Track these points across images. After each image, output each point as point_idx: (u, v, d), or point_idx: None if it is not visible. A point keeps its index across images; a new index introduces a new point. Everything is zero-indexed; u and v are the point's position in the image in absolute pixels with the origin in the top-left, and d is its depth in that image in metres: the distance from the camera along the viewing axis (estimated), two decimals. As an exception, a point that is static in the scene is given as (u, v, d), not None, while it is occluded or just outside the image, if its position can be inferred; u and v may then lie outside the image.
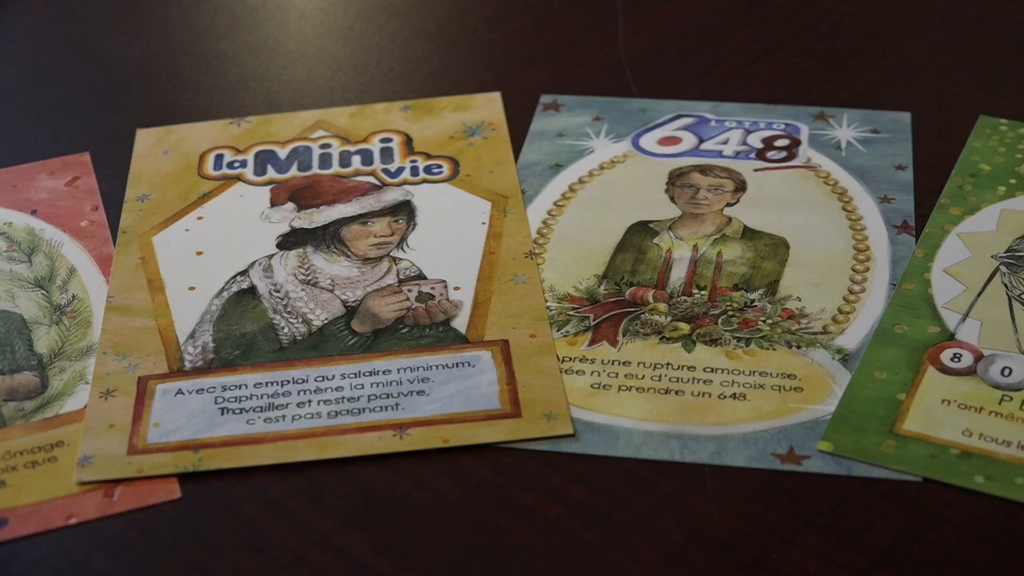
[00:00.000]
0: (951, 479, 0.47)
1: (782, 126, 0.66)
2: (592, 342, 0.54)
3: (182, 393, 0.53)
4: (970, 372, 0.51)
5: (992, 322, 0.53)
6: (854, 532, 0.46)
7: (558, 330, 0.55)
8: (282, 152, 0.66)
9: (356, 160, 0.65)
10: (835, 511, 0.47)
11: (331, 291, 0.58)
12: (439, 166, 0.65)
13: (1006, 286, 0.55)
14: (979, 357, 0.52)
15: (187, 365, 0.54)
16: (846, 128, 0.65)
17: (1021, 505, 0.46)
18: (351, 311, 0.56)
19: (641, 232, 0.60)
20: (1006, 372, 0.51)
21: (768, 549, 0.45)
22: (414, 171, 0.64)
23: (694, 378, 0.52)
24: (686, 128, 0.66)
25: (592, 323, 0.55)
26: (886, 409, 0.50)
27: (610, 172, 0.64)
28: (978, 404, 0.50)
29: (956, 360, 0.52)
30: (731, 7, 0.76)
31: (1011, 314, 0.54)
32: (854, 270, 0.57)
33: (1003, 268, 0.56)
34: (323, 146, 0.67)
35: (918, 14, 0.75)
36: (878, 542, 0.45)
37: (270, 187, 0.64)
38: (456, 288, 0.57)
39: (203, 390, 0.53)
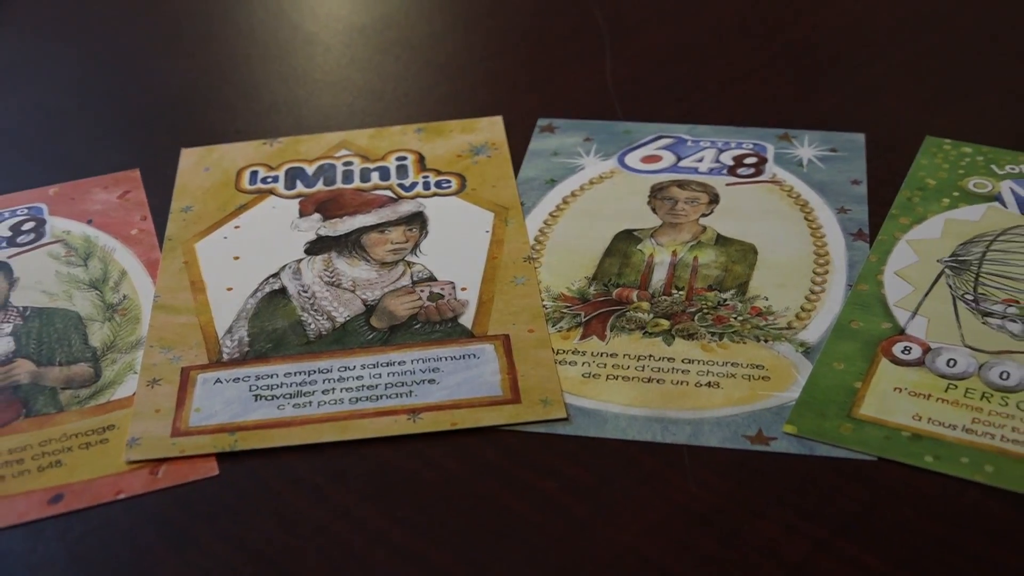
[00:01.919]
0: (903, 459, 0.47)
1: (750, 146, 0.65)
2: (583, 336, 0.54)
3: (220, 382, 0.53)
4: (919, 363, 0.51)
5: (938, 319, 0.53)
6: (816, 506, 0.46)
7: (553, 326, 0.55)
8: (310, 169, 0.66)
9: (375, 176, 0.65)
10: (799, 487, 0.46)
11: (352, 291, 0.57)
12: (448, 181, 0.64)
13: (950, 287, 0.55)
14: (927, 350, 0.51)
15: (225, 357, 0.54)
16: (807, 147, 0.65)
17: (966, 482, 0.46)
18: (370, 309, 0.56)
19: (626, 239, 0.60)
20: (951, 363, 0.51)
21: (740, 521, 0.45)
22: (426, 186, 0.64)
23: (673, 368, 0.52)
24: (666, 148, 0.66)
25: (583, 319, 0.55)
26: (844, 396, 0.50)
27: (599, 186, 0.64)
28: (926, 391, 0.50)
29: (906, 352, 0.51)
30: (705, 41, 0.76)
31: (955, 312, 0.53)
32: (815, 273, 0.57)
33: (947, 271, 0.56)
34: (346, 163, 0.66)
35: (870, 47, 0.75)
36: (838, 515, 0.45)
37: (299, 200, 0.64)
38: (463, 289, 0.57)
39: (239, 379, 0.53)
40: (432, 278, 0.58)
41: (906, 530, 0.45)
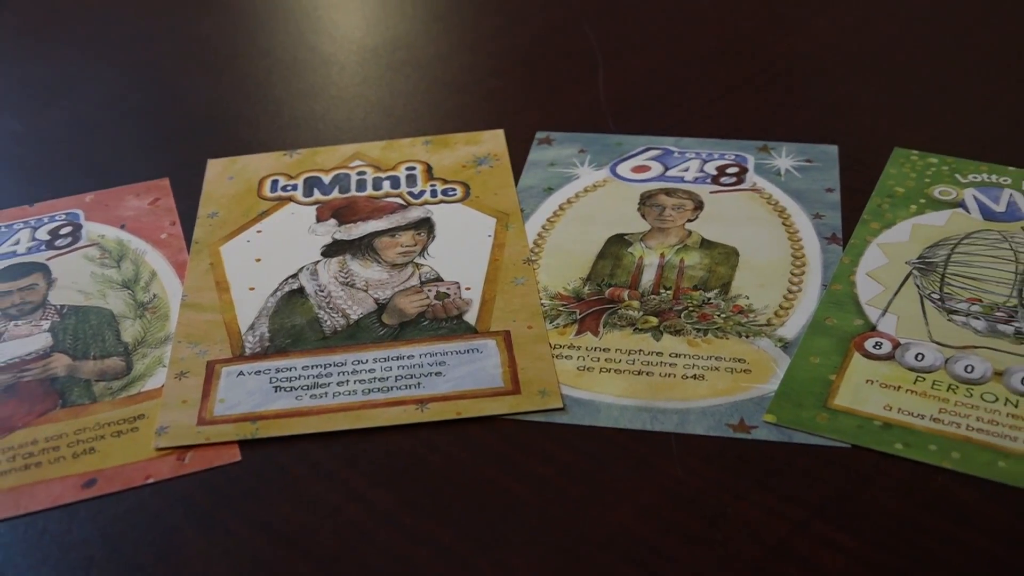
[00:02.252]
0: (875, 446, 0.47)
1: (732, 157, 0.65)
2: (578, 332, 0.54)
3: (243, 374, 0.52)
4: (889, 357, 0.50)
5: (907, 316, 0.53)
6: (795, 489, 0.45)
7: (550, 322, 0.54)
8: (326, 178, 0.66)
9: (386, 184, 0.65)
10: (779, 472, 0.46)
11: (365, 291, 0.57)
12: (454, 189, 0.64)
13: (918, 287, 0.54)
14: (896, 345, 0.51)
15: (247, 351, 0.53)
16: (784, 158, 0.65)
17: (934, 468, 0.45)
18: (382, 307, 0.56)
19: (618, 243, 0.59)
20: (919, 357, 0.50)
21: (723, 503, 0.45)
22: (433, 193, 0.64)
23: (661, 362, 0.52)
24: (654, 158, 0.65)
25: (578, 317, 0.55)
26: (820, 387, 0.49)
27: (593, 194, 0.63)
28: (896, 383, 0.49)
29: (877, 347, 0.51)
30: (690, 62, 0.76)
31: (922, 310, 0.53)
32: (792, 273, 0.56)
33: (915, 272, 0.55)
34: (359, 173, 0.66)
35: (841, 67, 0.75)
36: (815, 498, 0.45)
37: (316, 206, 0.63)
38: (467, 288, 0.56)
39: (260, 372, 0.52)
40: (439, 279, 0.57)
41: (878, 512, 0.44)
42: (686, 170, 0.64)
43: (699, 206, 0.62)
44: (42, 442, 0.49)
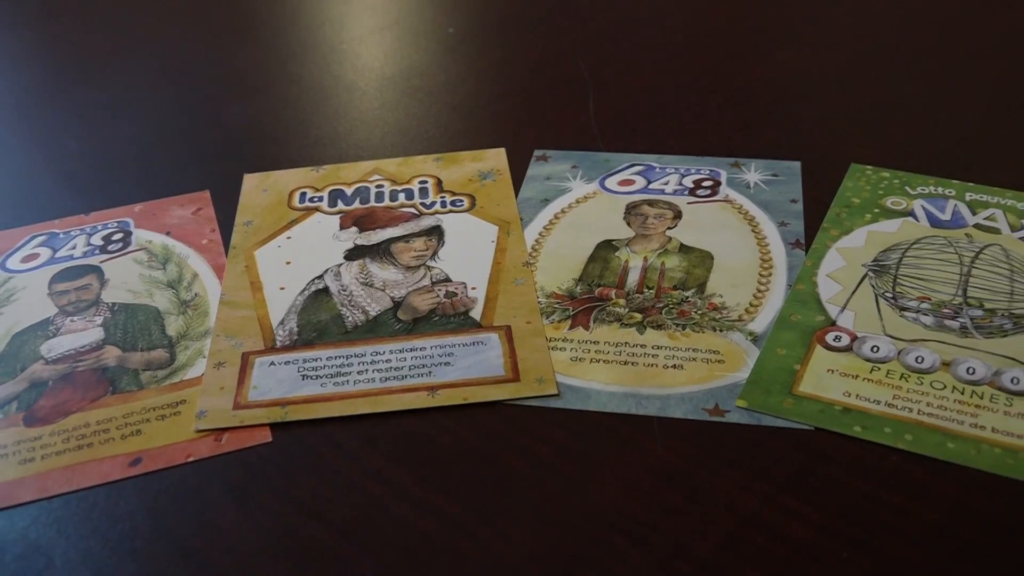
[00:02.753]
0: (835, 428, 0.46)
1: (707, 172, 0.64)
2: (571, 327, 0.53)
3: (274, 364, 0.51)
4: (848, 349, 0.50)
5: (863, 313, 0.52)
6: (764, 467, 0.45)
7: (546, 318, 0.54)
8: (348, 191, 0.65)
9: (401, 196, 0.64)
10: (749, 451, 0.45)
11: (383, 290, 0.56)
12: (461, 200, 0.63)
13: (873, 287, 0.54)
14: (854, 338, 0.50)
15: (278, 344, 0.53)
16: (754, 173, 0.64)
17: (889, 448, 0.45)
18: (397, 305, 0.55)
19: (606, 248, 0.58)
20: (874, 349, 0.49)
21: (700, 479, 0.44)
22: (443, 204, 0.63)
23: (645, 353, 0.51)
24: (638, 173, 0.65)
25: (571, 313, 0.54)
26: (786, 376, 0.49)
27: (584, 205, 0.62)
28: (854, 373, 0.48)
29: (837, 340, 0.50)
30: (670, 87, 0.75)
31: (877, 307, 0.52)
32: (760, 275, 0.56)
33: (870, 273, 0.55)
34: (378, 186, 0.65)
35: (804, 92, 0.74)
36: (781, 475, 0.44)
37: (339, 216, 0.63)
38: (473, 288, 0.56)
39: (289, 362, 0.51)
40: (448, 279, 0.57)
41: (838, 488, 0.43)
42: (666, 183, 0.64)
43: (678, 215, 0.61)
44: (93, 425, 0.49)
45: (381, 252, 0.59)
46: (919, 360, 0.49)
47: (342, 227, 0.62)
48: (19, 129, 0.76)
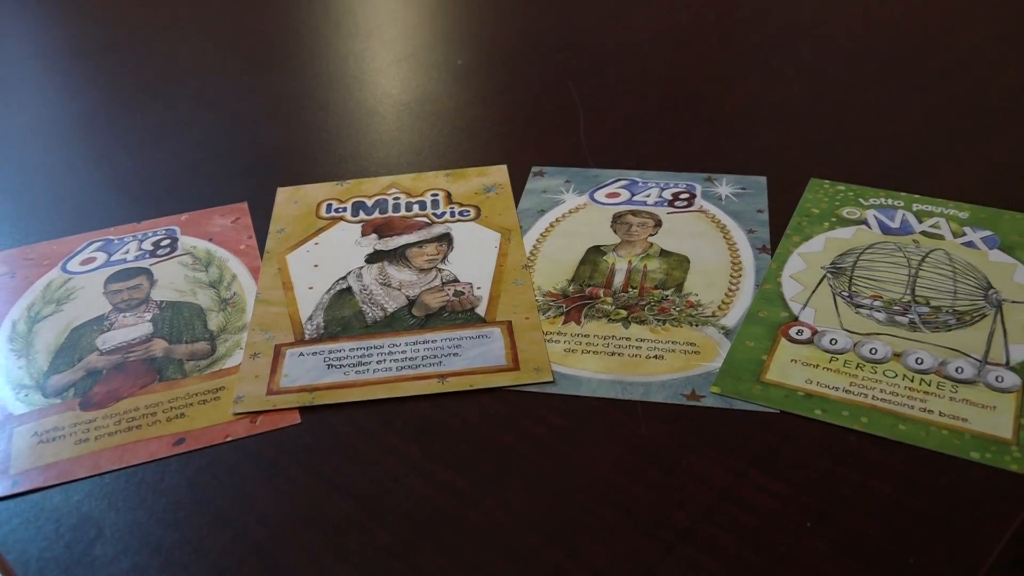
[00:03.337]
0: (799, 412, 0.45)
1: (684, 185, 0.63)
2: (564, 322, 0.52)
3: (303, 355, 0.50)
4: (809, 342, 0.49)
5: (822, 310, 0.51)
6: (735, 446, 0.44)
7: (543, 314, 0.53)
8: (369, 202, 0.64)
9: (415, 207, 0.63)
10: (723, 432, 0.44)
11: (399, 290, 0.55)
12: (468, 211, 0.62)
13: (831, 286, 0.53)
14: (815, 332, 0.49)
15: (306, 336, 0.52)
16: (725, 187, 0.63)
17: (847, 429, 0.44)
18: (411, 302, 0.54)
19: (595, 252, 0.58)
20: (833, 342, 0.49)
21: (679, 456, 0.43)
22: (452, 214, 0.62)
23: (630, 345, 0.50)
24: (623, 187, 0.64)
25: (564, 310, 0.53)
26: (754, 365, 0.48)
27: (575, 215, 0.61)
28: (815, 362, 0.47)
29: (799, 334, 0.49)
30: (651, 112, 0.74)
31: (835, 304, 0.51)
32: (731, 276, 0.55)
33: (828, 275, 0.54)
34: (395, 198, 0.64)
35: (768, 116, 0.73)
36: (751, 453, 0.43)
37: (361, 224, 0.62)
38: (478, 288, 0.55)
39: (316, 353, 0.51)
40: (456, 280, 0.56)
41: (802, 465, 0.43)
42: (648, 196, 0.63)
43: (658, 224, 0.60)
44: (142, 409, 0.48)
45: (397, 256, 0.58)
46: (873, 351, 0.48)
47: (363, 234, 0.61)
48: (80, 148, 0.75)
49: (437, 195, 0.65)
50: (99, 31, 0.95)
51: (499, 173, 0.67)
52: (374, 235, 0.61)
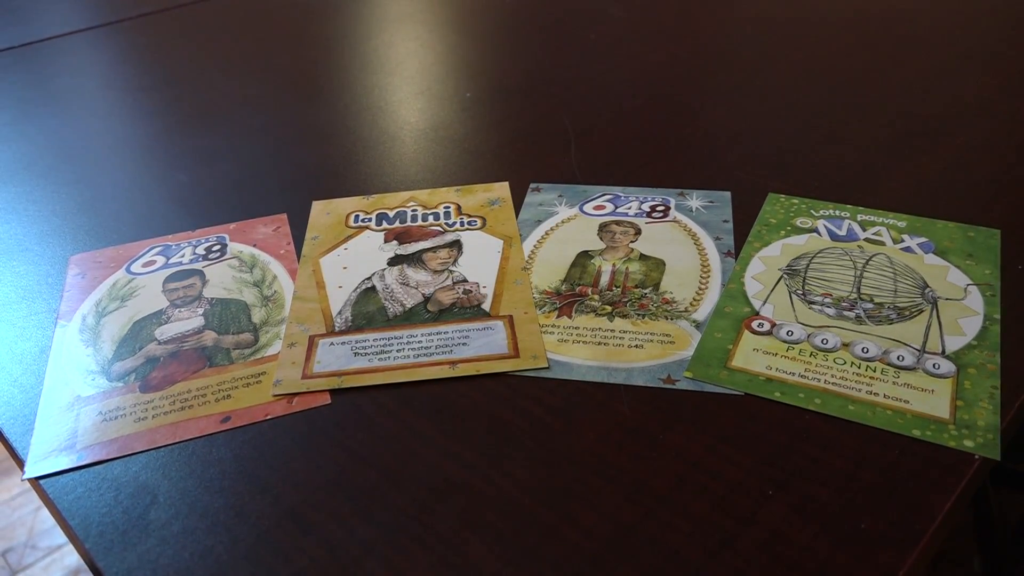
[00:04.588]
0: (760, 394, 0.44)
1: (660, 199, 0.62)
2: (558, 316, 0.51)
3: (333, 344, 0.49)
4: (769, 333, 0.48)
5: (780, 305, 0.50)
6: (705, 423, 0.43)
7: (539, 310, 0.52)
8: (391, 213, 0.63)
9: (431, 218, 0.62)
10: (694, 412, 0.43)
11: (416, 288, 0.54)
12: (475, 221, 0.61)
13: (787, 286, 0.52)
14: (773, 325, 0.48)
15: (336, 328, 0.51)
16: (695, 200, 0.62)
17: (802, 410, 0.43)
18: (427, 299, 0.53)
19: (584, 257, 0.56)
20: (789, 333, 0.47)
21: (657, 433, 0.42)
22: (462, 224, 0.61)
23: (614, 336, 0.49)
24: (608, 200, 0.63)
25: (558, 306, 0.52)
26: (721, 354, 0.47)
27: (567, 225, 0.60)
28: (775, 351, 0.46)
29: (760, 326, 0.48)
30: (632, 137, 0.73)
31: (791, 301, 0.50)
32: (701, 277, 0.54)
33: (785, 276, 0.53)
34: (413, 210, 0.63)
35: (731, 139, 0.72)
36: (719, 429, 0.42)
37: (384, 232, 0.61)
38: (484, 287, 0.54)
39: (345, 343, 0.50)
40: (465, 280, 0.55)
41: (764, 440, 0.42)
42: (629, 208, 0.62)
43: (638, 232, 0.59)
44: (194, 391, 0.47)
45: (415, 259, 0.57)
46: (824, 342, 0.47)
47: (386, 241, 0.60)
48: (143, 167, 0.74)
49: (449, 207, 0.64)
50: (161, 69, 0.94)
51: (502, 189, 0.66)
52: (395, 241, 0.60)
